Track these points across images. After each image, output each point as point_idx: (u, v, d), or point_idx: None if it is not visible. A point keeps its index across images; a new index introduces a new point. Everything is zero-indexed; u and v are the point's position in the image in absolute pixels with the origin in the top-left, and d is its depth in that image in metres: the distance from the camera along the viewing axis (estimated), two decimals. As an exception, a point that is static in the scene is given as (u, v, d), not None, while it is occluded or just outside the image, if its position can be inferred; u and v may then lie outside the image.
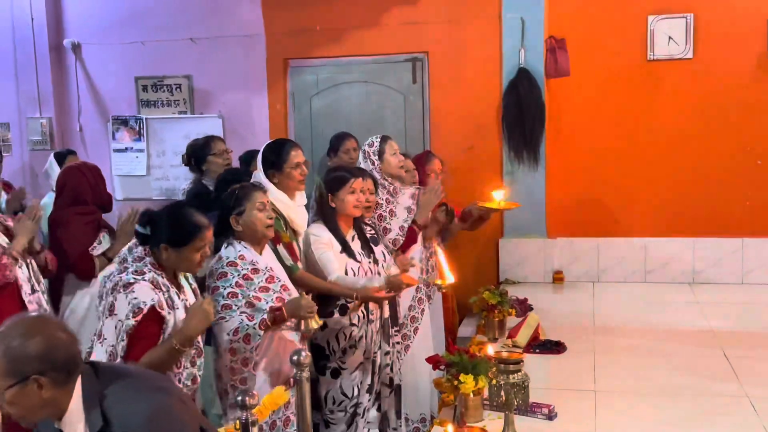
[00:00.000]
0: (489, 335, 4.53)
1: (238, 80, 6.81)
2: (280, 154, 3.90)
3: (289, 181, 3.92)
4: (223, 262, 3.37)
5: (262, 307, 3.32)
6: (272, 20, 6.67)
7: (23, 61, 7.11)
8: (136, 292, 2.83)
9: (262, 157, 3.95)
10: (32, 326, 2.15)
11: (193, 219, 3.03)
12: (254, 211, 3.45)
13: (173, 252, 2.97)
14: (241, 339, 3.26)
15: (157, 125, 7.00)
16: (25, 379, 2.08)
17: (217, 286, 3.33)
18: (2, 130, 7.32)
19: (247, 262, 3.39)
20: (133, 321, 2.80)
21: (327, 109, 6.72)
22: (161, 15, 6.89)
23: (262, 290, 3.36)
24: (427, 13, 6.37)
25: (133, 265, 2.94)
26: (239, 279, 3.33)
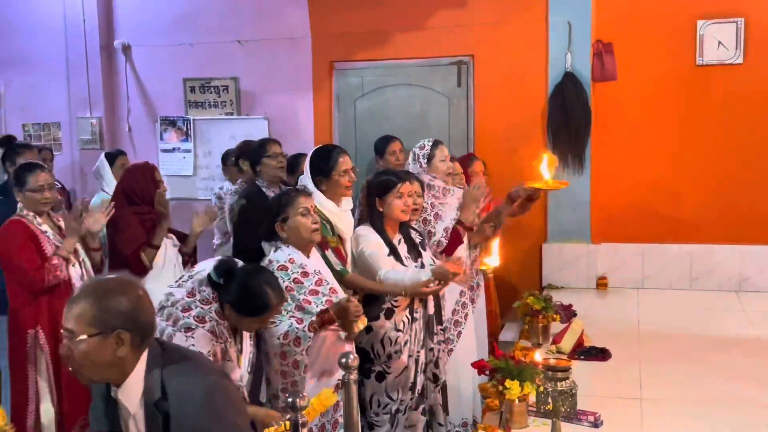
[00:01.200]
0: (533, 341, 4.52)
1: (284, 82, 6.89)
2: (328, 161, 3.94)
3: (336, 187, 3.96)
4: (273, 266, 3.41)
5: (311, 311, 3.36)
6: (319, 23, 6.73)
7: (74, 62, 7.27)
8: (195, 339, 2.86)
9: (310, 163, 3.99)
10: (125, 284, 2.21)
11: (265, 297, 2.95)
12: (298, 216, 3.49)
13: (236, 315, 2.97)
14: (291, 342, 3.30)
15: (204, 126, 7.11)
16: (108, 332, 2.11)
17: None
18: (53, 129, 7.49)
19: (296, 265, 3.44)
20: None
21: (371, 112, 6.76)
22: (210, 17, 7.00)
23: (312, 293, 3.40)
24: (473, 16, 6.38)
25: (198, 307, 2.93)
26: (289, 283, 3.37)
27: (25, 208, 4.15)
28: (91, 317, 2.10)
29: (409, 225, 4.14)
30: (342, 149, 4.09)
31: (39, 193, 4.11)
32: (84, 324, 2.10)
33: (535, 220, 6.24)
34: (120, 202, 4.43)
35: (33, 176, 4.10)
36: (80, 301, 2.13)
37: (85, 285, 2.24)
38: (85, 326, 2.09)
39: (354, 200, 4.35)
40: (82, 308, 2.11)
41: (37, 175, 4.11)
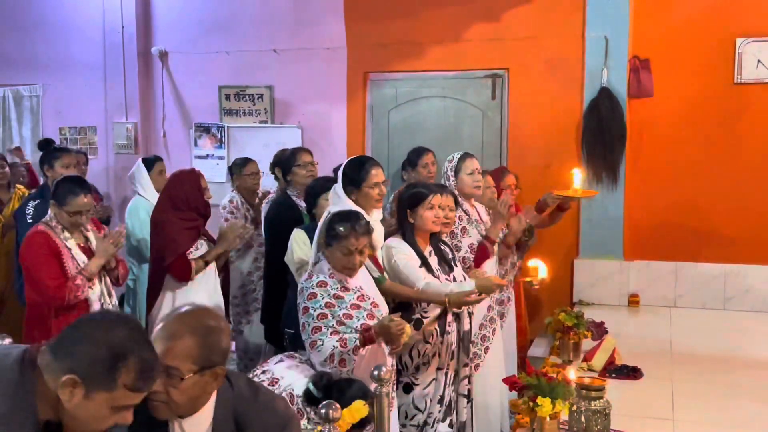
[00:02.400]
0: (563, 357, 4.49)
1: (319, 92, 6.93)
2: (360, 172, 3.95)
3: (367, 199, 3.97)
4: (312, 282, 3.41)
5: (352, 325, 3.36)
6: (354, 34, 6.77)
7: (112, 67, 7.37)
8: None
9: (343, 173, 4.01)
10: (219, 319, 2.22)
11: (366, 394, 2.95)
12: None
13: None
14: (336, 364, 3.30)
15: (238, 133, 7.18)
16: (209, 368, 2.12)
17: (307, 306, 3.37)
18: (89, 133, 7.59)
19: (336, 280, 3.45)
20: None
21: (405, 123, 6.78)
22: (246, 26, 7.07)
23: (354, 307, 3.40)
24: (509, 29, 6.38)
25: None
26: (329, 299, 3.37)
27: (56, 221, 4.10)
28: (197, 355, 2.11)
29: (439, 239, 4.14)
30: (375, 161, 4.10)
31: (77, 216, 4.07)
32: (190, 362, 2.10)
33: (567, 235, 6.22)
34: (165, 207, 4.44)
35: (75, 199, 4.05)
36: (184, 338, 2.11)
37: (182, 319, 2.18)
38: (191, 364, 2.10)
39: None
40: (187, 346, 2.11)
41: (79, 198, 4.06)
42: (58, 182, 4.30)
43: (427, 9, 6.56)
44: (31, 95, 7.73)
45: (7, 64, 7.66)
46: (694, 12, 6.02)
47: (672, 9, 6.06)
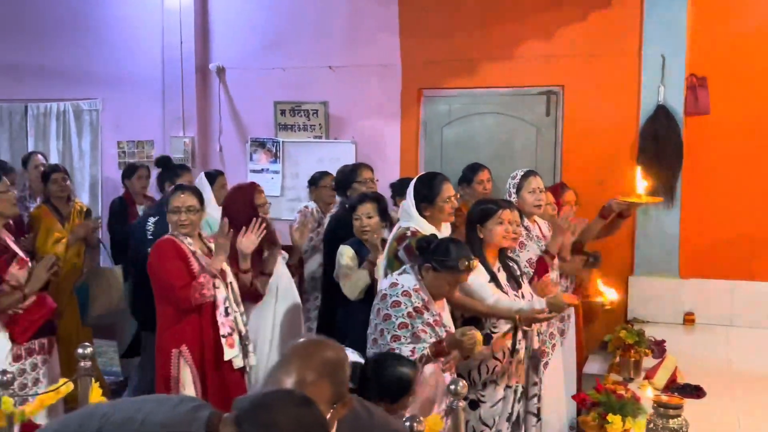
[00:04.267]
0: (624, 375, 4.52)
1: (373, 108, 7.04)
2: (432, 188, 4.05)
3: (439, 214, 4.07)
4: (398, 290, 3.49)
5: (426, 340, 3.44)
6: (409, 51, 6.87)
7: (170, 83, 7.55)
8: None
9: (414, 190, 4.10)
10: (336, 347, 2.23)
11: (405, 377, 3.09)
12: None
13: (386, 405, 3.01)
14: None
15: (292, 148, 7.31)
16: (340, 401, 2.14)
17: (389, 313, 3.46)
18: (147, 147, 7.77)
19: (420, 296, 3.53)
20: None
21: (458, 139, 6.86)
22: (302, 43, 7.21)
23: (429, 325, 3.48)
24: (564, 46, 6.44)
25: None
26: (411, 310, 3.46)
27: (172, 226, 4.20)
28: (331, 394, 2.13)
29: (507, 255, 4.20)
30: (445, 176, 4.19)
31: (175, 214, 4.13)
32: (324, 404, 2.09)
33: (622, 253, 6.24)
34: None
35: (174, 197, 4.16)
36: (317, 384, 2.09)
37: (308, 363, 2.15)
38: (325, 404, 2.10)
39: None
40: (321, 391, 2.09)
41: (177, 197, 4.16)
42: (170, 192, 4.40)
43: (482, 26, 6.64)
44: (90, 109, 7.94)
45: (68, 79, 7.88)
46: (751, 29, 6.01)
47: (729, 26, 6.06)
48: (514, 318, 3.84)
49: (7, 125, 8.17)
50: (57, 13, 7.83)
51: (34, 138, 8.08)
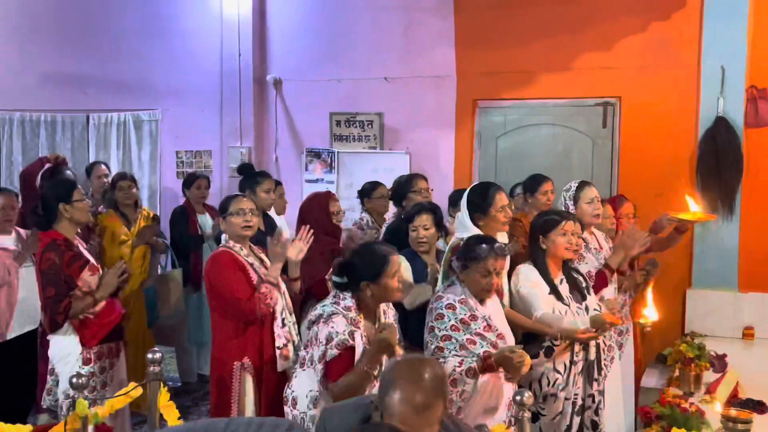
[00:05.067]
0: (684, 389, 4.48)
1: (427, 119, 7.09)
2: (486, 198, 4.08)
3: (494, 223, 4.09)
4: (442, 303, 3.53)
5: (474, 351, 3.46)
6: (464, 62, 6.91)
7: (228, 94, 7.69)
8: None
9: (468, 200, 4.13)
10: (433, 361, 2.31)
11: (377, 250, 3.42)
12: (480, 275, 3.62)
13: (374, 286, 3.30)
14: (449, 383, 3.35)
15: (347, 159, 7.39)
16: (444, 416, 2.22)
17: (433, 326, 3.50)
18: (205, 156, 7.93)
19: (465, 307, 3.55)
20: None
21: (513, 150, 6.87)
22: (357, 54, 7.29)
23: (478, 336, 3.51)
24: (621, 58, 6.42)
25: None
26: (456, 322, 3.48)
27: (228, 235, 4.19)
28: (442, 411, 2.19)
29: (572, 266, 4.20)
30: (498, 186, 4.21)
31: (240, 216, 4.13)
32: (438, 422, 2.18)
33: (680, 266, 6.18)
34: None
35: (235, 202, 4.19)
36: (433, 407, 2.15)
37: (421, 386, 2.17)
38: (438, 423, 2.18)
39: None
40: (437, 411, 2.16)
41: (239, 201, 4.20)
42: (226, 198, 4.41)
43: (538, 38, 6.65)
44: (150, 120, 8.12)
45: (129, 91, 8.07)
46: (814, 40, 5.95)
47: (791, 38, 6.00)
48: (555, 335, 3.84)
49: (69, 135, 8.39)
50: (119, 27, 8.03)
51: (95, 147, 8.28)
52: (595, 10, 6.47)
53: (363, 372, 3.18)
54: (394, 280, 3.35)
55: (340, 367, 3.26)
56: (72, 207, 4.26)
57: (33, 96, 8.38)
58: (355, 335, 3.27)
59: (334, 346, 3.25)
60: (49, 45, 8.29)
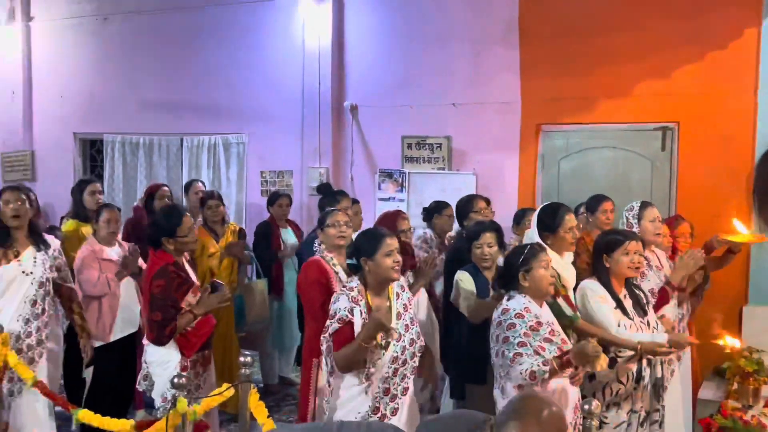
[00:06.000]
0: (743, 402, 4.37)
1: (493, 142, 7.08)
2: (555, 218, 4.06)
3: (561, 243, 4.07)
4: (510, 314, 3.52)
5: (546, 356, 3.43)
6: (528, 89, 6.89)
7: (309, 119, 7.81)
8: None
9: (538, 219, 4.12)
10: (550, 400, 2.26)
11: (375, 231, 3.67)
12: (540, 269, 3.60)
13: (371, 263, 3.49)
14: (527, 376, 3.37)
15: (417, 179, 7.42)
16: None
17: (507, 336, 3.48)
18: (286, 176, 8.06)
19: (531, 314, 3.53)
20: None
21: (574, 172, 6.81)
22: (428, 82, 7.34)
23: (546, 341, 3.48)
24: (680, 84, 6.32)
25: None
26: (527, 329, 3.47)
27: (324, 245, 4.36)
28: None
29: (633, 283, 4.14)
30: (568, 207, 4.19)
31: (335, 228, 4.31)
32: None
33: (736, 282, 6.03)
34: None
35: (332, 215, 4.37)
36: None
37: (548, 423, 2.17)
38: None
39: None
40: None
41: (335, 214, 4.39)
42: (325, 212, 4.58)
43: (599, 65, 6.59)
44: (238, 142, 8.31)
45: (219, 116, 8.28)
46: None
47: None
48: (636, 348, 3.78)
49: (165, 156, 8.65)
50: (210, 59, 8.25)
51: (188, 167, 8.51)
52: (654, 39, 6.38)
53: (359, 345, 3.36)
54: (389, 259, 3.50)
55: (341, 339, 3.45)
56: (175, 241, 4.31)
57: (133, 121, 8.69)
58: (354, 311, 3.45)
59: (336, 321, 3.46)
60: (148, 75, 8.59)
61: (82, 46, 8.96)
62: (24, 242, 4.43)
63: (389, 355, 3.42)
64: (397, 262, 3.54)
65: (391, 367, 3.43)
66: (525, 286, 3.59)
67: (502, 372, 3.50)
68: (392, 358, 3.42)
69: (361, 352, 3.38)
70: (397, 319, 3.52)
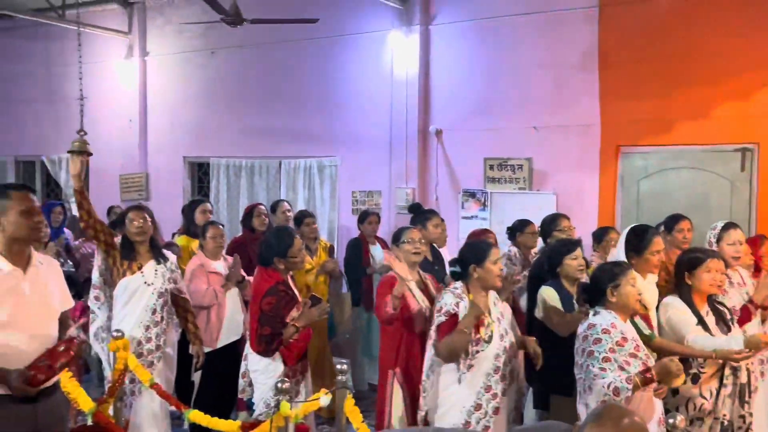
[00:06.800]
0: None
1: (573, 163, 6.99)
2: (643, 240, 3.98)
3: (646, 264, 3.99)
4: (597, 329, 3.46)
5: (630, 371, 3.37)
6: (608, 111, 6.78)
7: (397, 143, 7.89)
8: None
9: (626, 240, 4.05)
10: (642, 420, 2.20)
11: (483, 242, 3.85)
12: (628, 286, 3.53)
13: (480, 269, 3.65)
14: (611, 391, 3.29)
15: (499, 198, 7.39)
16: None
17: (592, 350, 3.43)
18: (375, 196, 8.15)
19: (617, 330, 3.46)
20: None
21: (654, 192, 6.65)
22: (509, 106, 7.31)
23: (631, 356, 3.41)
24: (759, 106, 6.12)
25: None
26: (612, 345, 3.41)
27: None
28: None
29: (715, 300, 4.02)
30: (656, 230, 4.11)
31: (411, 244, 4.31)
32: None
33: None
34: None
35: (407, 232, 4.38)
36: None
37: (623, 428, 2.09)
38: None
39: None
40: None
41: (410, 232, 4.39)
42: (399, 229, 4.62)
43: (678, 88, 6.43)
44: (330, 165, 8.47)
45: (313, 140, 8.46)
46: None
47: None
48: (711, 356, 3.66)
49: (264, 178, 8.89)
50: (306, 87, 8.45)
51: (285, 188, 8.71)
52: (732, 62, 6.19)
53: (461, 331, 3.54)
54: (496, 266, 3.68)
55: (446, 330, 3.64)
56: (286, 261, 4.39)
57: (236, 145, 8.98)
58: (459, 305, 3.64)
59: (443, 314, 3.65)
60: (250, 104, 8.86)
61: (191, 77, 9.34)
62: (146, 256, 4.64)
63: (492, 350, 3.45)
64: (501, 269, 3.71)
65: (494, 365, 3.46)
66: (612, 301, 3.53)
67: (585, 386, 3.44)
68: (495, 355, 3.46)
69: (462, 339, 3.54)
70: (497, 324, 3.57)
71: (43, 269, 3.14)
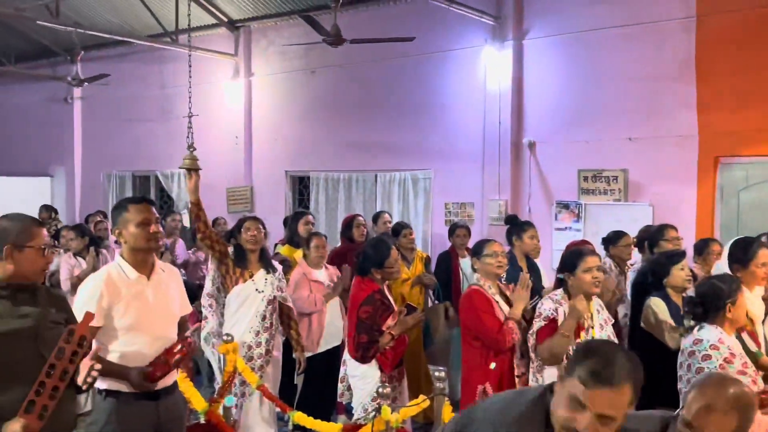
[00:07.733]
0: None
1: (670, 174, 6.75)
2: (747, 252, 3.81)
3: (752, 278, 3.81)
4: (704, 345, 3.32)
5: None
6: (706, 122, 6.53)
7: (489, 155, 7.85)
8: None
9: (730, 252, 3.88)
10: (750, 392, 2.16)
11: (579, 249, 3.86)
12: (740, 301, 3.38)
13: (573, 278, 3.69)
14: None
15: (593, 210, 7.22)
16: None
17: (701, 367, 3.30)
18: (468, 207, 8.12)
19: (725, 346, 3.33)
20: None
21: (754, 204, 6.34)
22: (604, 118, 7.15)
23: (740, 374, 3.26)
24: None
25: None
26: (722, 361, 3.28)
27: (481, 274, 4.23)
28: (735, 427, 2.07)
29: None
30: (762, 242, 3.92)
31: (494, 258, 4.15)
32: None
33: None
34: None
35: (488, 245, 4.23)
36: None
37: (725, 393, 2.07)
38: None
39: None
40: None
41: (492, 245, 4.25)
42: (480, 242, 4.53)
43: (780, 98, 6.14)
44: (424, 177, 8.51)
45: (408, 154, 8.53)
46: None
47: None
48: None
49: (361, 190, 9.02)
50: (401, 103, 8.53)
51: (381, 200, 8.81)
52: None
53: (562, 335, 3.54)
54: (588, 275, 3.63)
55: (545, 334, 3.66)
56: (383, 271, 4.39)
57: (334, 159, 9.15)
58: (558, 310, 3.65)
59: (542, 319, 3.67)
60: (348, 120, 9.02)
61: (292, 96, 9.60)
62: (256, 265, 4.77)
63: None
64: (596, 278, 3.64)
65: None
66: (728, 317, 3.39)
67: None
68: None
69: (563, 342, 3.52)
70: (599, 330, 3.50)
71: (165, 276, 3.29)
